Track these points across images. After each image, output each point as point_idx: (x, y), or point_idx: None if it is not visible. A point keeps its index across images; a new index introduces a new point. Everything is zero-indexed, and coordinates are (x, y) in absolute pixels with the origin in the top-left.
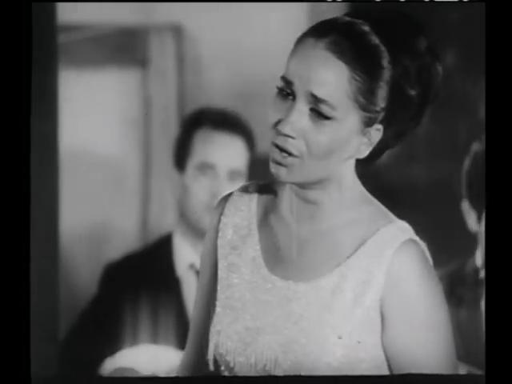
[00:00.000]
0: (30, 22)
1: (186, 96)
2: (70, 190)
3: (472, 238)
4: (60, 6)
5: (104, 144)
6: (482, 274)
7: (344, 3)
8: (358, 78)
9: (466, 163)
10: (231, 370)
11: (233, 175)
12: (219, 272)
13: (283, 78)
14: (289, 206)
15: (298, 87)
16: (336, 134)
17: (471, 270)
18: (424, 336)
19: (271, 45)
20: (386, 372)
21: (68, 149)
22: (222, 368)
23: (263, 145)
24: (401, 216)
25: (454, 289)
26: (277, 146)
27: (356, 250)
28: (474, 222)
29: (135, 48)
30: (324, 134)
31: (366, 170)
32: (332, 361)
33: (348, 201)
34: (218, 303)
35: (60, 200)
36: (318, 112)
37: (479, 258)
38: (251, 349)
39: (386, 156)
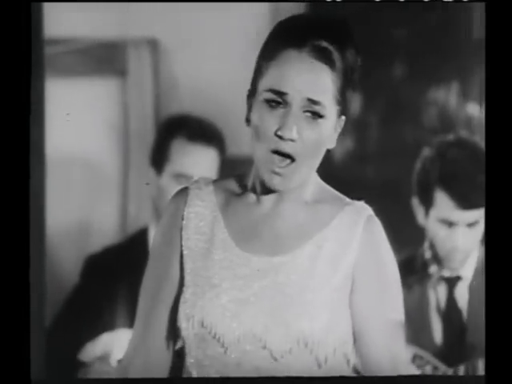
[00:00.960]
0: (20, 34)
1: (161, 103)
2: (55, 189)
3: (420, 231)
4: (46, 20)
5: (87, 147)
6: (432, 268)
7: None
8: (336, 77)
9: (417, 165)
10: (218, 341)
11: None
12: (185, 258)
13: (273, 91)
14: (256, 193)
15: (293, 95)
16: (325, 131)
17: (419, 261)
18: (390, 299)
19: (241, 54)
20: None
21: (54, 151)
22: (204, 345)
23: (233, 148)
24: None
25: (404, 277)
26: (277, 153)
27: (327, 225)
28: (422, 216)
29: (115, 60)
30: (317, 132)
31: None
32: (315, 325)
33: (313, 184)
34: (190, 284)
35: (46, 198)
36: (312, 113)
37: (427, 251)
38: (238, 320)
39: (340, 156)
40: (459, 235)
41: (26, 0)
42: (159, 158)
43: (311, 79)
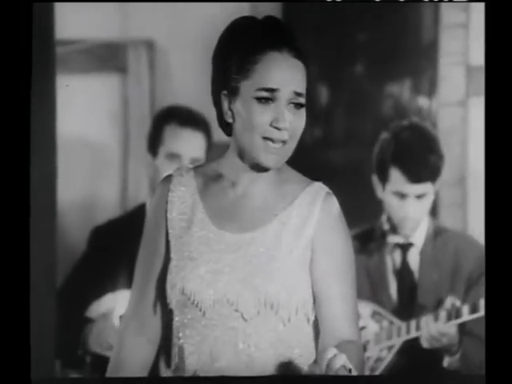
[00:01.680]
0: (30, 36)
1: (157, 96)
2: (65, 169)
3: (379, 205)
4: (58, 23)
5: (92, 133)
6: (389, 237)
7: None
8: (306, 70)
9: (376, 147)
10: (196, 306)
11: (194, 161)
12: (170, 236)
13: (265, 89)
14: (231, 177)
15: (283, 90)
16: (304, 117)
17: (378, 230)
18: (343, 265)
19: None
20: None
21: (64, 137)
22: (186, 310)
23: (218, 135)
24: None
25: (365, 245)
26: (272, 140)
27: (291, 203)
28: (381, 191)
29: (116, 58)
30: (300, 119)
31: None
32: (281, 289)
33: (279, 167)
34: (174, 257)
35: (57, 177)
36: (296, 104)
37: (385, 222)
38: (214, 287)
39: (309, 141)
40: (410, 205)
41: (28, 1)
42: (154, 142)
43: (294, 75)
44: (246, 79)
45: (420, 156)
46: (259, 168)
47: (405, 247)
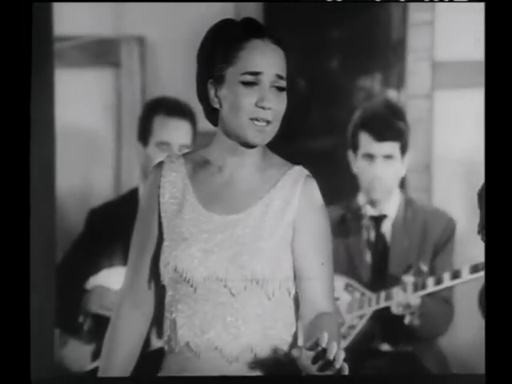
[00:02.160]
0: (30, 33)
1: (147, 88)
2: (63, 157)
3: (355, 182)
4: (56, 21)
5: (87, 123)
6: (364, 210)
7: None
8: (286, 57)
9: (349, 128)
10: (188, 282)
11: (182, 148)
12: (163, 218)
13: (249, 73)
14: (218, 163)
15: (266, 74)
16: (285, 100)
17: (355, 205)
18: (322, 244)
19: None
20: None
21: (62, 126)
22: (178, 286)
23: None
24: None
25: (344, 220)
26: (257, 119)
27: (274, 186)
28: (354, 161)
29: (110, 54)
30: (283, 102)
31: None
32: (265, 266)
33: (263, 153)
34: (167, 238)
35: (56, 163)
36: (277, 87)
37: (361, 197)
38: (204, 265)
39: (290, 129)
40: (378, 166)
41: (28, 1)
42: (145, 132)
43: (275, 59)
44: (231, 66)
45: (386, 119)
46: (247, 146)
47: (379, 219)
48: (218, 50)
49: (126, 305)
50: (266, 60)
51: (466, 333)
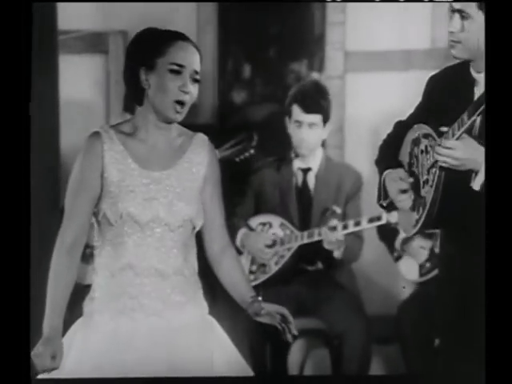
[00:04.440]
0: (31, 25)
1: None
2: (66, 124)
3: (289, 139)
4: (60, 15)
5: (84, 97)
6: (294, 163)
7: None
8: (200, 57)
9: (286, 100)
10: (138, 225)
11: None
12: (107, 177)
13: (176, 64)
14: (143, 134)
15: (188, 67)
16: (197, 90)
17: (288, 158)
18: (219, 192)
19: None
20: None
21: (65, 99)
22: (127, 229)
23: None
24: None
25: (279, 169)
26: (179, 102)
27: (187, 150)
28: (288, 124)
29: (100, 43)
30: (196, 91)
31: None
32: (191, 208)
33: (174, 125)
34: (114, 190)
35: (60, 130)
36: (194, 79)
37: (292, 153)
38: (147, 210)
39: (238, 103)
40: (304, 131)
41: (27, 1)
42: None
43: (195, 57)
44: (161, 57)
45: (312, 96)
46: (167, 122)
47: (305, 171)
48: (152, 45)
49: (69, 242)
50: (188, 57)
51: (372, 258)
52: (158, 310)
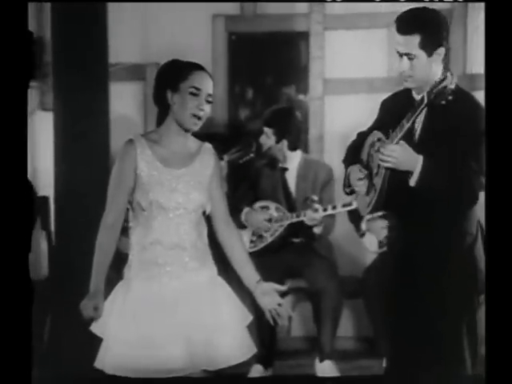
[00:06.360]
0: (26, 20)
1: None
2: (115, 134)
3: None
4: (111, 49)
5: (128, 113)
6: (281, 163)
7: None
8: (213, 83)
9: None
10: (164, 209)
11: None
12: (141, 173)
13: (195, 87)
14: (166, 141)
15: (203, 90)
16: (210, 109)
17: (275, 160)
18: (222, 186)
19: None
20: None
21: (114, 116)
22: (155, 213)
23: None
24: None
25: (269, 167)
26: (196, 116)
27: (198, 154)
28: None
29: (139, 72)
30: (209, 109)
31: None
32: (200, 195)
33: (188, 134)
34: (146, 182)
35: (110, 138)
36: (208, 101)
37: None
38: (170, 198)
39: (241, 117)
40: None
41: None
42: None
43: (209, 83)
44: (184, 82)
45: (284, 117)
46: (186, 131)
47: (288, 169)
48: (177, 72)
49: (108, 222)
50: (204, 83)
51: (345, 233)
52: (179, 275)
